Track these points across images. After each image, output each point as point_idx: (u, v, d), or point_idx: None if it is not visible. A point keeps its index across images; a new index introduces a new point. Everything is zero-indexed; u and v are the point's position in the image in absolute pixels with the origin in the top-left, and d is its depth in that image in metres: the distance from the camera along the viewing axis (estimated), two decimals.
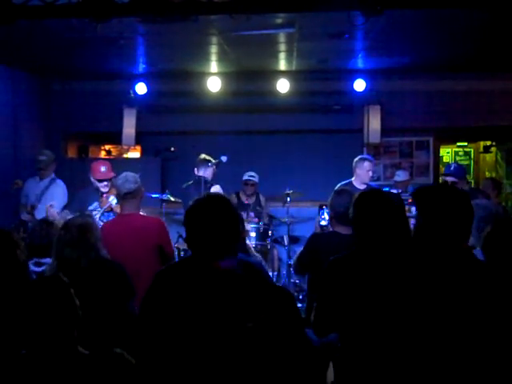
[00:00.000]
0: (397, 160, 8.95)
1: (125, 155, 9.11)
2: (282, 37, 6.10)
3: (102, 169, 5.79)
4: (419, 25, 5.54)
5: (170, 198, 6.94)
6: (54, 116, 8.42)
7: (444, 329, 2.30)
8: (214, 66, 7.69)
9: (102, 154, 9.17)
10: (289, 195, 7.20)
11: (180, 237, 6.52)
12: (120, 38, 5.78)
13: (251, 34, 5.67)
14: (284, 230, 7.62)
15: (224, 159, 6.42)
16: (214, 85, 7.97)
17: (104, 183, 5.75)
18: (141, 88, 8.09)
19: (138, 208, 4.52)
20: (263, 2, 4.20)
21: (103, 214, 5.49)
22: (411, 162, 8.95)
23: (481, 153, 10.39)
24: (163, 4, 4.06)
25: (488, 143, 9.58)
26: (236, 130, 8.44)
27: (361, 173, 6.25)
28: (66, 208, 5.82)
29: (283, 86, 8.00)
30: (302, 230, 7.58)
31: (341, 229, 3.98)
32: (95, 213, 5.45)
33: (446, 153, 10.95)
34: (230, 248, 2.27)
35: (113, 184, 5.58)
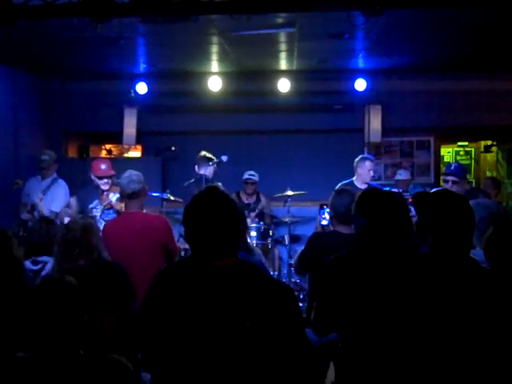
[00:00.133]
0: (398, 160, 8.94)
1: (125, 155, 9.14)
2: (282, 36, 6.09)
3: (103, 166, 5.81)
4: (419, 25, 5.53)
5: (170, 197, 6.95)
6: (54, 116, 8.41)
7: (444, 328, 2.30)
8: (214, 65, 7.69)
9: (103, 154, 9.16)
10: (290, 197, 7.21)
11: (181, 236, 6.51)
12: (120, 37, 5.77)
13: (252, 33, 5.67)
14: (285, 230, 7.62)
15: (224, 159, 6.43)
16: (215, 85, 7.98)
17: (104, 180, 5.76)
18: (141, 88, 8.10)
19: (142, 207, 4.56)
20: (263, 1, 4.21)
21: (103, 212, 5.50)
22: (412, 161, 8.95)
23: (482, 152, 10.36)
24: (163, 4, 4.07)
25: (489, 143, 9.55)
26: (237, 130, 8.44)
27: (362, 172, 6.25)
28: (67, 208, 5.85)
29: (284, 85, 8.01)
30: (302, 230, 7.58)
31: (341, 228, 3.99)
32: (95, 211, 5.46)
33: (447, 152, 10.92)
34: (230, 246, 2.23)
35: (114, 182, 5.59)
